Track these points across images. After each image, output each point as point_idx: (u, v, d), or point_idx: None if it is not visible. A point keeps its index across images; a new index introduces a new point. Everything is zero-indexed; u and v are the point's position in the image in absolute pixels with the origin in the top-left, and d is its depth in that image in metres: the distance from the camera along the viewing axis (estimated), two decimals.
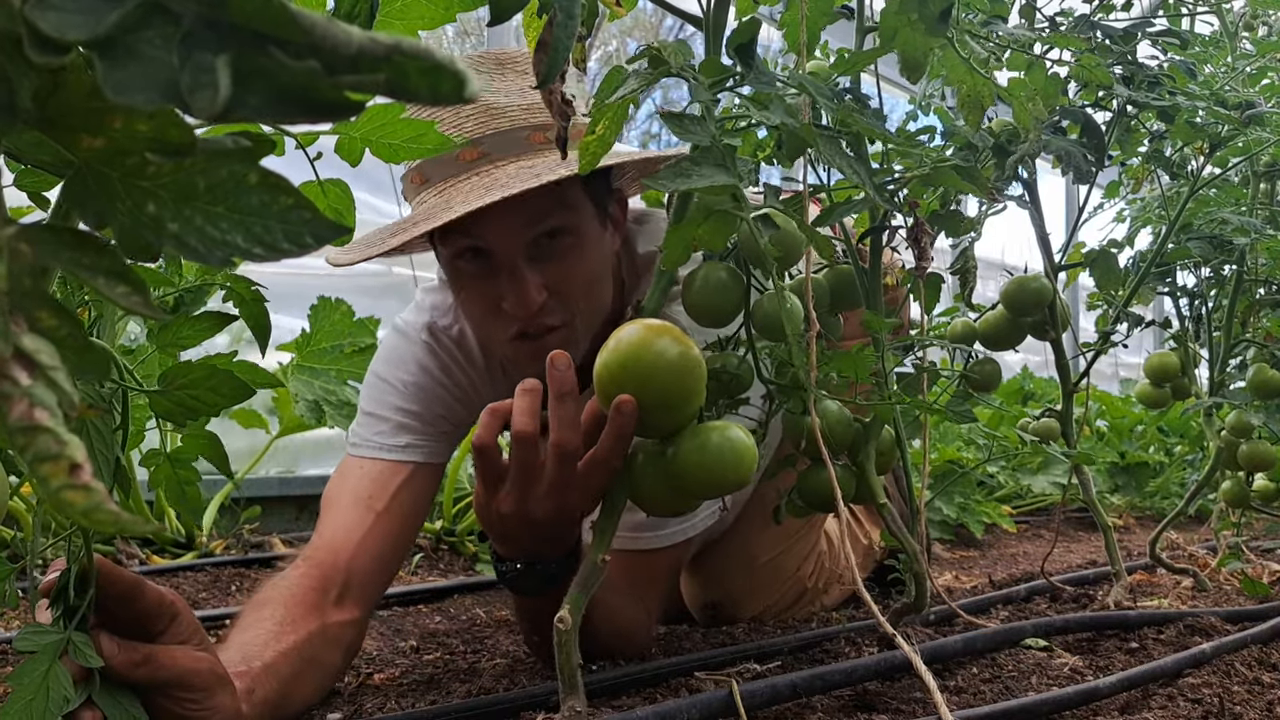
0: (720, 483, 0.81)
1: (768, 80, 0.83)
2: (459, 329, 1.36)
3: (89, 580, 0.73)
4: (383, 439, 1.30)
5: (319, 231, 0.33)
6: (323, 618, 1.09)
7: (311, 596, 1.10)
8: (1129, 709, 1.00)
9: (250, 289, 0.92)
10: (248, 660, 0.95)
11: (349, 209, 0.82)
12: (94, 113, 0.32)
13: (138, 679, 0.76)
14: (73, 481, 0.28)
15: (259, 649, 0.98)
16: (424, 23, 0.69)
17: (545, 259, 1.15)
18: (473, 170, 1.14)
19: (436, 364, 1.34)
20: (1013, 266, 1.42)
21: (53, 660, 0.70)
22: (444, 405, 1.33)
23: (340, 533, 1.19)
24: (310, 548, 1.20)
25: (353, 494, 1.24)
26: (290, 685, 0.99)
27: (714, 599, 1.55)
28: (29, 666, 0.69)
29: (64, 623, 0.72)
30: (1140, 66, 1.36)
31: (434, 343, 1.35)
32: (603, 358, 0.79)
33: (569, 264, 1.17)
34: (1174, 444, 4.02)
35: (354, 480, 1.27)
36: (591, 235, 1.19)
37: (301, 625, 1.05)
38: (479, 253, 1.16)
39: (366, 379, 1.38)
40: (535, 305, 1.14)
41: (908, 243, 1.08)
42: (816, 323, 0.87)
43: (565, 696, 0.78)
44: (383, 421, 1.31)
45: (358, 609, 1.15)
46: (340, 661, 1.12)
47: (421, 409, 1.31)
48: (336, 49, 0.26)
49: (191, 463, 0.98)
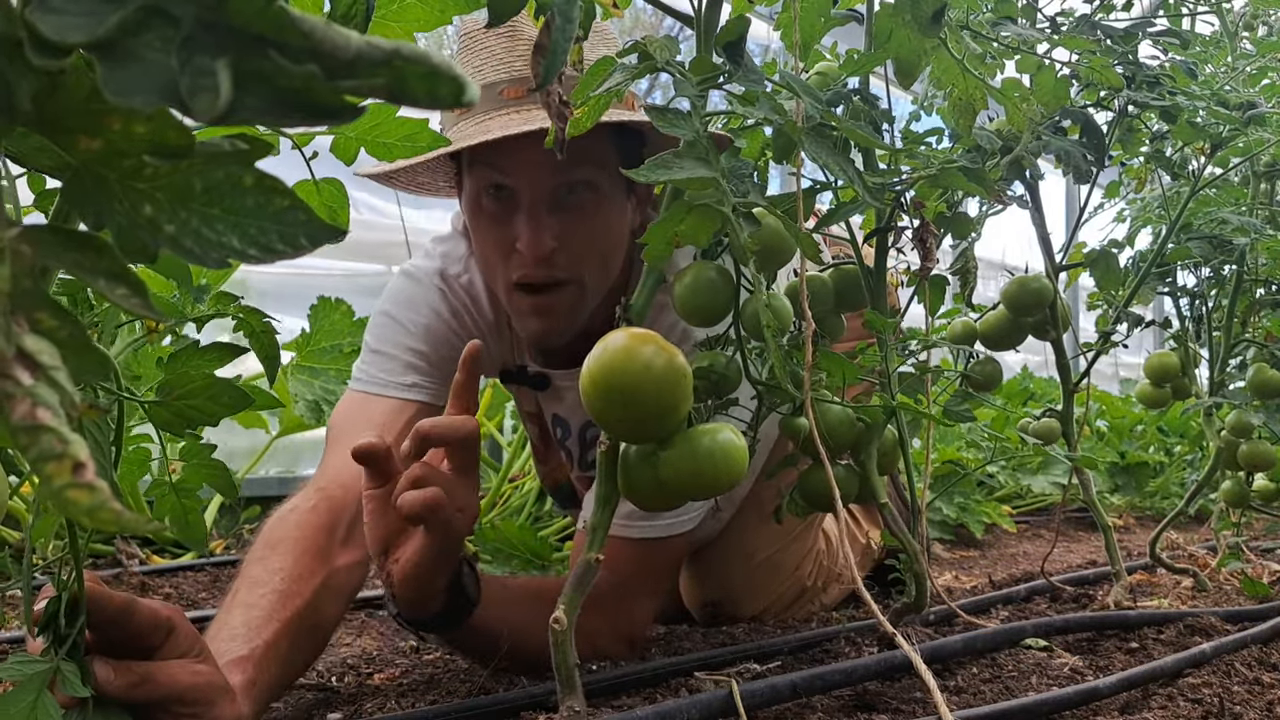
0: (712, 486, 0.81)
1: (756, 78, 0.83)
2: (469, 278, 1.37)
3: (79, 608, 0.71)
4: (390, 376, 1.30)
5: (313, 233, 0.33)
6: (329, 563, 1.09)
7: (320, 538, 1.09)
8: (1129, 709, 1.00)
9: (261, 320, 0.92)
10: (250, 638, 0.94)
11: (344, 208, 0.82)
12: (93, 115, 0.32)
13: (136, 699, 0.75)
14: (76, 480, 0.28)
15: (262, 621, 0.97)
16: (420, 25, 0.69)
17: (564, 210, 1.18)
18: (515, 108, 1.16)
19: (447, 308, 1.35)
20: (1013, 267, 1.42)
21: (40, 691, 0.68)
22: (452, 349, 1.32)
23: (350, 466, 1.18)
24: (320, 478, 1.19)
25: (363, 426, 1.23)
26: (290, 663, 0.99)
27: (713, 598, 1.55)
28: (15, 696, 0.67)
29: (54, 651, 0.71)
30: (1141, 66, 1.36)
31: (445, 288, 1.36)
32: (588, 368, 0.78)
33: (586, 220, 1.19)
34: (1174, 444, 4.02)
35: (362, 415, 1.27)
36: (614, 200, 1.21)
37: (307, 581, 1.04)
38: (502, 189, 1.18)
39: (374, 318, 1.38)
40: (545, 250, 1.16)
41: (913, 244, 1.08)
42: (813, 322, 0.87)
43: (564, 696, 0.78)
44: (391, 360, 1.31)
45: (363, 548, 1.13)
46: (340, 612, 1.12)
47: (430, 350, 1.32)
48: (335, 53, 0.26)
49: (196, 491, 0.98)
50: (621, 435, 0.84)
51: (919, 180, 1.02)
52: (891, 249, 1.08)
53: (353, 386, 1.33)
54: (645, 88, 5.46)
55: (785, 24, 1.00)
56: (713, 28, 0.86)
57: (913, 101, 1.33)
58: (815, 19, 1.02)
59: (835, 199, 1.08)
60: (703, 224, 0.81)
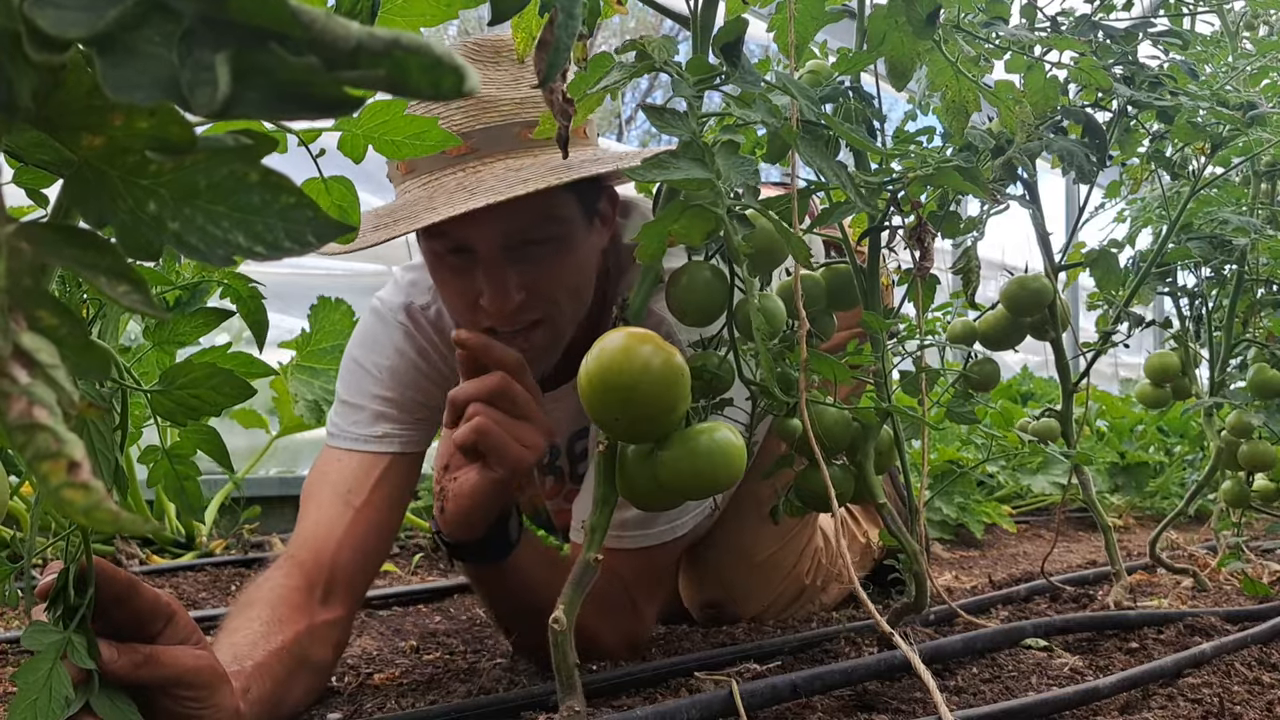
0: (711, 485, 0.81)
1: (753, 79, 0.83)
2: (436, 309, 1.33)
3: (88, 580, 0.73)
4: (359, 429, 1.28)
5: (320, 230, 0.32)
6: (310, 618, 1.09)
7: (297, 596, 1.09)
8: (1129, 709, 1.00)
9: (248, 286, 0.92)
10: (239, 660, 0.95)
11: (353, 206, 0.82)
12: (94, 111, 0.32)
13: (140, 680, 0.76)
14: (72, 480, 0.28)
15: (249, 649, 0.98)
16: (425, 20, 0.68)
17: (527, 260, 1.13)
18: (460, 165, 1.11)
19: (413, 347, 1.32)
20: (1013, 266, 1.42)
21: (55, 660, 0.70)
22: (421, 390, 1.31)
23: (321, 529, 1.19)
24: (292, 545, 1.19)
25: (332, 489, 1.23)
26: (283, 684, 0.99)
27: (713, 597, 1.55)
28: (33, 665, 0.70)
29: (64, 623, 0.73)
30: (1141, 66, 1.36)
31: (410, 324, 1.33)
32: (586, 367, 0.79)
33: (551, 266, 1.15)
34: (1174, 444, 4.01)
35: (333, 474, 1.26)
36: (577, 238, 1.18)
37: (289, 626, 1.05)
38: (460, 248, 1.14)
39: (343, 364, 1.37)
40: (512, 304, 1.13)
41: (908, 243, 1.08)
42: (806, 322, 0.87)
43: (564, 697, 0.78)
44: (359, 410, 1.30)
45: (343, 606, 1.15)
46: (331, 657, 1.12)
47: (398, 395, 1.30)
48: (336, 44, 0.25)
49: (190, 458, 0.97)
50: (620, 435, 0.84)
51: (914, 180, 1.02)
52: (885, 248, 1.08)
53: (327, 440, 1.32)
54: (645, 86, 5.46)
55: (780, 25, 1.00)
56: (709, 28, 0.86)
57: (909, 100, 1.33)
58: (810, 20, 1.02)
59: (827, 198, 1.08)
60: (697, 224, 0.81)
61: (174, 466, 0.97)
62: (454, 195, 1.07)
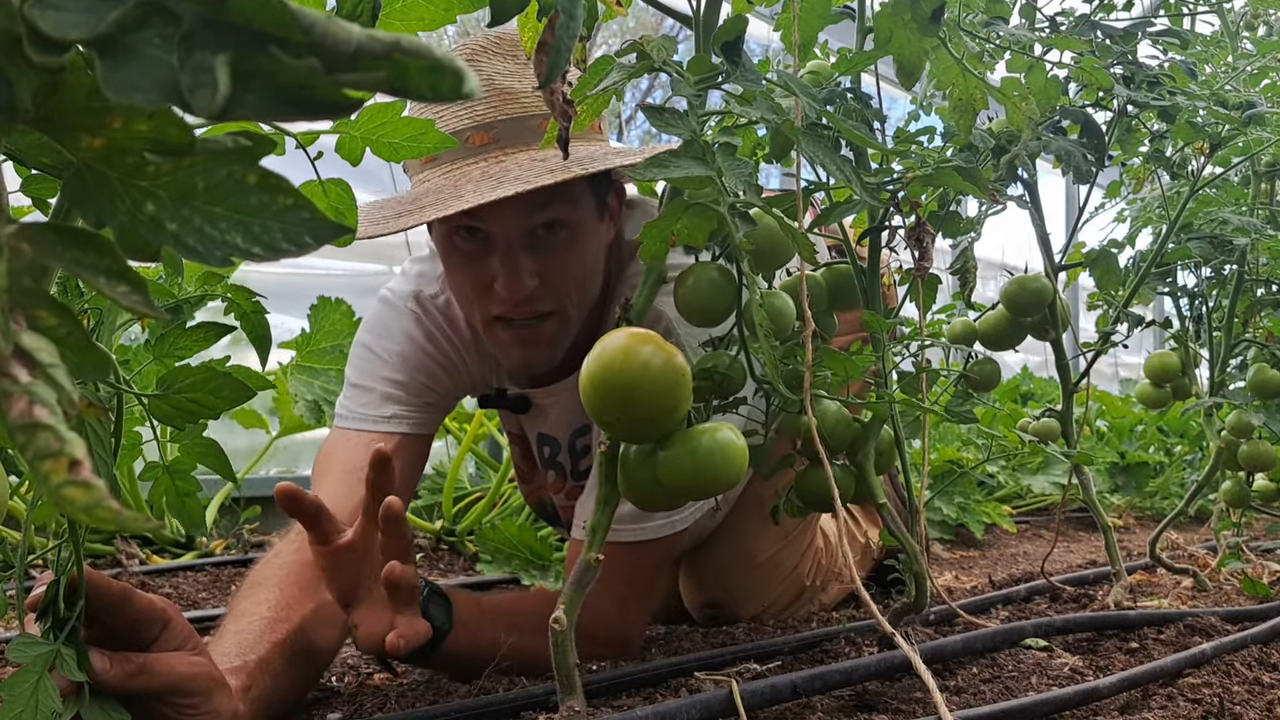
0: (711, 485, 0.81)
1: (754, 78, 0.84)
2: (445, 298, 1.36)
3: (78, 592, 0.72)
4: (369, 410, 1.31)
5: (318, 231, 0.33)
6: (317, 597, 1.08)
7: (307, 573, 1.09)
8: (1129, 709, 1.00)
9: (251, 300, 0.92)
10: (243, 653, 0.94)
11: (351, 208, 0.82)
12: (94, 112, 0.32)
13: (134, 689, 0.75)
14: (73, 478, 0.28)
15: (254, 640, 0.98)
16: (424, 24, 0.69)
17: (542, 249, 1.16)
18: (482, 155, 1.14)
19: (422, 333, 1.35)
20: (1013, 266, 1.42)
21: (42, 673, 0.69)
22: (429, 375, 1.34)
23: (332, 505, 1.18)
24: None
25: (342, 466, 1.24)
26: (285, 678, 0.99)
27: (713, 598, 1.55)
28: (19, 678, 0.69)
29: (53, 635, 0.72)
30: (1140, 66, 1.36)
31: (420, 312, 1.35)
32: (587, 367, 0.79)
33: (564, 255, 1.18)
34: (1174, 444, 4.01)
35: (342, 453, 1.28)
36: (589, 228, 1.21)
37: (296, 610, 1.05)
38: (475, 232, 1.16)
39: (353, 349, 1.39)
40: (526, 291, 1.15)
41: (908, 243, 1.08)
42: (812, 322, 0.87)
43: (564, 697, 0.78)
44: (369, 393, 1.32)
45: None
46: (337, 637, 1.11)
47: (407, 379, 1.32)
48: (336, 47, 0.26)
49: (190, 473, 0.98)
50: (620, 435, 0.84)
51: (915, 179, 1.02)
52: (885, 248, 1.08)
53: (335, 423, 1.34)
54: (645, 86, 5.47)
55: (785, 24, 1.00)
56: (711, 27, 0.87)
57: (912, 101, 1.33)
58: (815, 19, 1.02)
59: (828, 198, 1.08)
60: (699, 223, 0.81)
61: (175, 482, 0.97)
62: (480, 184, 1.09)
